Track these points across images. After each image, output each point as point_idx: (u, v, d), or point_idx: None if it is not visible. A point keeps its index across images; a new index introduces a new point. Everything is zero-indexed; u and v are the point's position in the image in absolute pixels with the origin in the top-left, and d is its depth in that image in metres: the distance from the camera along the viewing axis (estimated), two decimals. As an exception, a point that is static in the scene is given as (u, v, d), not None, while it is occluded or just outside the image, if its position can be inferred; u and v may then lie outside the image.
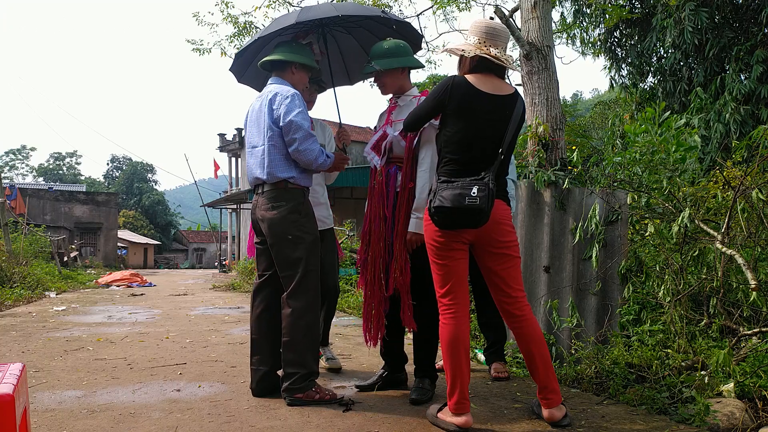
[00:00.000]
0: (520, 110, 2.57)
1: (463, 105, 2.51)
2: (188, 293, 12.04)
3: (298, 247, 2.97)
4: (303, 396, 2.89)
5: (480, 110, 2.50)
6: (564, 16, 11.53)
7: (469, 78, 2.53)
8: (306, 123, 2.97)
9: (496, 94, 2.52)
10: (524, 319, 2.56)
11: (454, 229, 2.48)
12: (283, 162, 3.01)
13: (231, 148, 31.15)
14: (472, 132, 2.51)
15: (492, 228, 2.51)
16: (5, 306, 8.01)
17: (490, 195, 2.38)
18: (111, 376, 3.60)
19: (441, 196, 2.44)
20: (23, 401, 1.69)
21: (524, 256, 3.98)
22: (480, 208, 2.37)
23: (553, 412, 2.52)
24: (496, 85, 2.55)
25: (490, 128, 2.52)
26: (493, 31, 2.55)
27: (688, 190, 4.01)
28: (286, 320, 2.96)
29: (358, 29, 3.65)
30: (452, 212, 2.40)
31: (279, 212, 2.98)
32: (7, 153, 59.74)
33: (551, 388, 2.52)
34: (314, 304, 3.00)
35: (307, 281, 2.97)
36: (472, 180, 2.43)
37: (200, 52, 9.59)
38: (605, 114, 16.28)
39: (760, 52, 8.12)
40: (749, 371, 2.83)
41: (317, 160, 2.98)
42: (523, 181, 4.10)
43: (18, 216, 18.62)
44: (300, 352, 2.93)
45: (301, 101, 3.01)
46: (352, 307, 7.50)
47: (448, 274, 2.55)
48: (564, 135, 4.43)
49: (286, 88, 3.06)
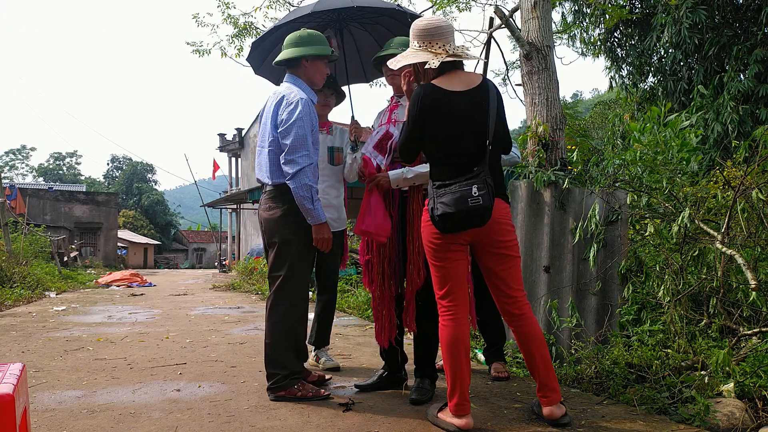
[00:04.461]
0: (495, 96, 2.52)
1: (441, 109, 2.47)
2: (188, 293, 12.03)
3: (286, 250, 2.98)
4: (285, 393, 2.95)
5: (457, 109, 2.47)
6: (564, 16, 11.53)
7: (435, 82, 2.51)
8: (301, 132, 2.88)
9: (467, 89, 2.49)
10: (524, 318, 2.55)
11: (458, 231, 2.46)
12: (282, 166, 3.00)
13: (231, 148, 31.14)
14: (455, 130, 2.48)
15: (491, 227, 2.48)
16: (5, 306, 8.01)
17: (490, 191, 2.37)
18: (111, 376, 3.60)
19: (442, 203, 2.40)
20: (23, 401, 1.69)
21: (524, 256, 3.98)
22: (484, 207, 2.35)
23: (552, 410, 2.51)
24: (464, 80, 2.52)
25: (472, 123, 2.47)
26: (440, 30, 2.51)
27: (689, 190, 4.01)
28: (268, 322, 3.01)
29: (375, 26, 3.65)
30: (457, 216, 2.38)
31: (274, 213, 3.00)
32: (7, 153, 59.77)
33: (551, 386, 2.52)
34: (297, 306, 3.02)
35: (291, 284, 2.98)
36: (467, 179, 2.40)
37: (200, 54, 9.59)
38: (605, 114, 16.27)
39: (759, 51, 8.12)
40: (749, 371, 2.83)
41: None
42: (523, 181, 4.10)
43: (18, 216, 18.62)
44: (280, 353, 2.98)
45: (305, 107, 2.92)
46: (352, 307, 7.50)
47: (447, 275, 2.53)
48: (564, 135, 4.43)
49: (295, 91, 2.97)
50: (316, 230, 2.96)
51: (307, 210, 2.90)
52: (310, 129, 2.93)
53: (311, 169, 2.90)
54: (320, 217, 2.93)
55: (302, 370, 3.09)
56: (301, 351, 3.13)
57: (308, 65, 3.04)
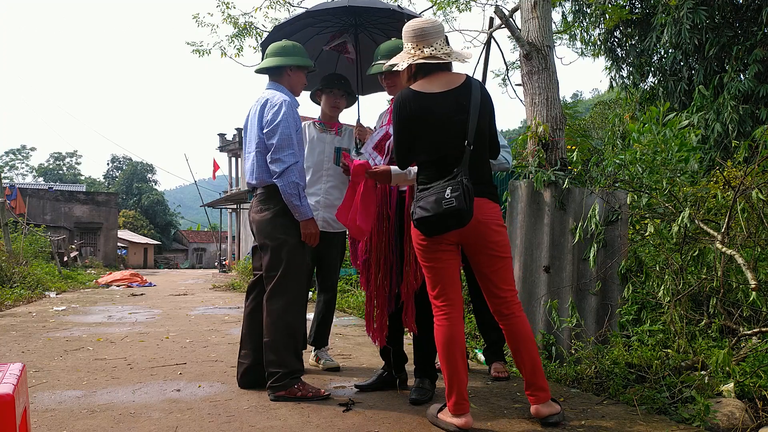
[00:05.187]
0: (477, 95, 2.49)
1: (418, 113, 2.47)
2: (188, 293, 12.04)
3: (280, 250, 3.06)
4: (285, 393, 2.98)
5: (436, 111, 2.46)
6: (564, 16, 11.53)
7: (414, 87, 2.51)
8: (287, 131, 2.99)
9: (446, 90, 2.48)
10: (513, 317, 2.56)
11: (440, 234, 2.47)
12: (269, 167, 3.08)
13: (231, 148, 31.16)
14: (436, 133, 2.48)
15: (476, 228, 2.46)
16: (5, 306, 8.01)
17: (465, 192, 2.34)
18: (111, 376, 3.60)
19: (419, 206, 2.43)
20: (23, 401, 1.69)
21: (524, 256, 3.98)
22: (458, 209, 2.33)
23: (540, 409, 2.52)
24: (444, 81, 2.51)
25: (453, 123, 2.46)
26: (422, 31, 2.50)
27: (689, 190, 4.01)
28: (266, 321, 3.07)
29: (394, 31, 3.68)
30: (432, 219, 2.39)
31: (265, 215, 3.10)
32: (7, 153, 59.80)
33: (538, 385, 2.53)
34: (294, 305, 3.08)
35: (286, 283, 3.05)
36: (445, 181, 2.40)
37: (200, 54, 9.59)
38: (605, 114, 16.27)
39: (759, 51, 8.12)
40: (749, 371, 2.83)
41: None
42: (523, 181, 4.10)
43: (18, 216, 18.61)
44: (279, 352, 3.02)
45: (289, 108, 3.05)
46: (352, 307, 7.50)
47: (437, 275, 2.54)
48: (564, 135, 4.43)
49: (278, 95, 3.10)
50: (304, 226, 3.08)
51: (295, 207, 3.02)
52: (295, 129, 3.04)
53: (297, 167, 3.01)
54: (307, 213, 3.06)
55: (302, 369, 3.11)
56: (300, 350, 3.17)
57: (291, 74, 3.22)
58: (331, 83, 3.74)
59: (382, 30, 3.74)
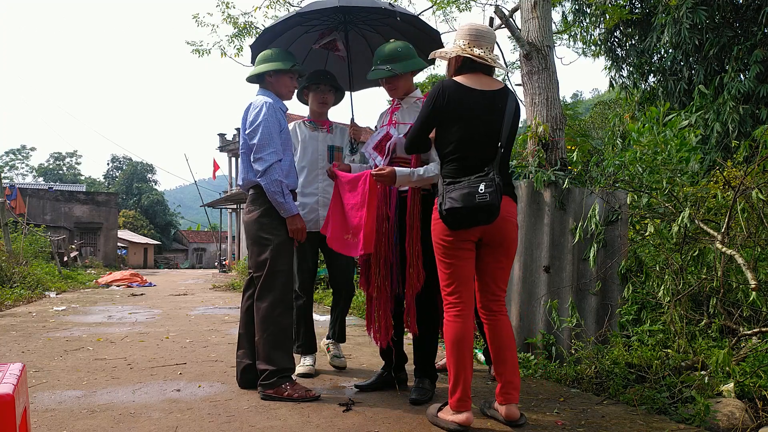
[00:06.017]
0: (512, 104, 2.61)
1: (456, 105, 2.54)
2: (188, 293, 12.04)
3: (265, 249, 3.13)
4: (273, 392, 3.01)
5: (474, 107, 2.55)
6: (564, 16, 11.53)
7: (457, 79, 2.60)
8: (267, 131, 3.07)
9: (486, 90, 2.57)
10: (501, 314, 2.65)
11: (466, 228, 2.52)
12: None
13: (231, 148, 31.14)
14: (470, 129, 2.55)
15: (499, 224, 2.54)
16: (5, 306, 8.01)
17: (498, 189, 2.43)
18: (111, 376, 3.60)
19: (450, 198, 2.48)
20: (23, 401, 1.69)
21: (524, 256, 3.98)
22: (490, 203, 2.41)
23: (512, 409, 2.55)
24: (485, 82, 2.60)
25: (487, 123, 2.56)
26: (477, 33, 2.62)
27: (689, 190, 4.01)
28: (255, 320, 3.14)
29: (385, 27, 3.67)
30: (464, 212, 2.44)
31: (252, 215, 3.19)
32: (7, 153, 59.78)
33: (515, 384, 2.58)
34: (280, 303, 3.12)
35: (273, 281, 3.11)
36: (477, 177, 2.47)
37: (200, 54, 9.59)
38: (605, 114, 16.27)
39: (759, 51, 8.12)
40: (749, 371, 2.83)
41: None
42: (523, 181, 4.10)
43: (18, 216, 18.61)
44: (267, 350, 3.08)
45: (270, 109, 3.13)
46: (352, 307, 7.49)
47: (455, 273, 2.58)
48: (564, 135, 4.43)
49: (261, 98, 3.20)
50: (290, 222, 3.15)
51: (279, 204, 3.10)
52: (277, 130, 3.13)
53: (279, 165, 3.09)
54: (292, 209, 3.12)
55: (292, 368, 3.15)
56: (289, 348, 3.20)
57: (272, 80, 3.28)
58: (317, 79, 3.70)
59: (372, 26, 3.73)
